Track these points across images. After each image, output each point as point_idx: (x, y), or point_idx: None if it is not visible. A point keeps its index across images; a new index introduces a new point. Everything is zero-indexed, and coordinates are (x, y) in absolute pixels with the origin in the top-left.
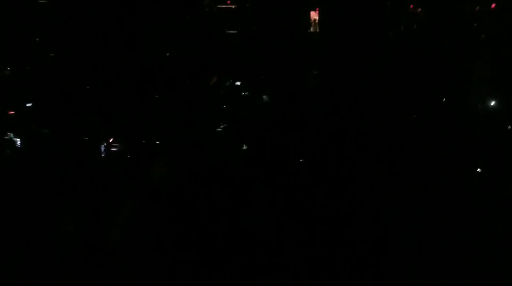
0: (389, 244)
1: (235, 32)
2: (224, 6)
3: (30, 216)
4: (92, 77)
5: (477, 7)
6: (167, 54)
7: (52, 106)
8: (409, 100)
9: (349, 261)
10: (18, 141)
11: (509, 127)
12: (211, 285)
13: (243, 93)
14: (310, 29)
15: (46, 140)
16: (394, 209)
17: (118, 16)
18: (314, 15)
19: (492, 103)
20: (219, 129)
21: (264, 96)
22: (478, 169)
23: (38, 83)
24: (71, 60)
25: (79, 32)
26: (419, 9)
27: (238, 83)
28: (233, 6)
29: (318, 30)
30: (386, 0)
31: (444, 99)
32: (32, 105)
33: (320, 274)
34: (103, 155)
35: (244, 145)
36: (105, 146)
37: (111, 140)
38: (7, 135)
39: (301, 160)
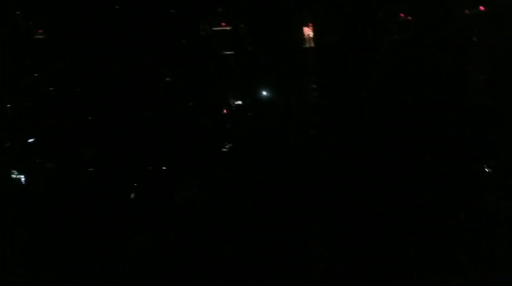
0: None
1: (232, 53)
2: (219, 28)
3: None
4: (93, 108)
5: (466, 11)
6: (167, 79)
7: (55, 140)
8: (408, 105)
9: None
10: (22, 177)
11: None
12: None
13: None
14: (305, 44)
15: (50, 174)
16: (400, 209)
17: (115, 45)
18: (307, 31)
19: (488, 102)
20: (224, 149)
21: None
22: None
23: (39, 118)
24: (71, 94)
25: (78, 65)
26: (409, 17)
27: (239, 102)
28: (228, 28)
29: (312, 45)
30: (377, 11)
31: (442, 101)
32: (34, 140)
33: None
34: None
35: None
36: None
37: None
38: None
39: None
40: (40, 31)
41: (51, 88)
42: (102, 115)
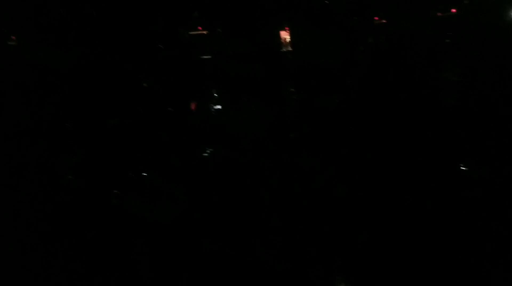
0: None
1: (210, 57)
2: (196, 32)
3: None
4: (70, 115)
5: (439, 13)
6: (144, 85)
7: (33, 148)
8: (384, 106)
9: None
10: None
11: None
12: None
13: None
14: (282, 48)
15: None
16: (380, 211)
17: (91, 51)
18: (284, 35)
19: (461, 103)
20: (205, 154)
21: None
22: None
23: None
24: (48, 101)
25: (53, 71)
26: (384, 21)
27: (219, 106)
28: (205, 32)
29: (290, 49)
30: (353, 15)
31: (416, 102)
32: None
33: None
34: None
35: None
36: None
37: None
38: None
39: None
40: (13, 37)
41: (28, 95)
42: (79, 122)
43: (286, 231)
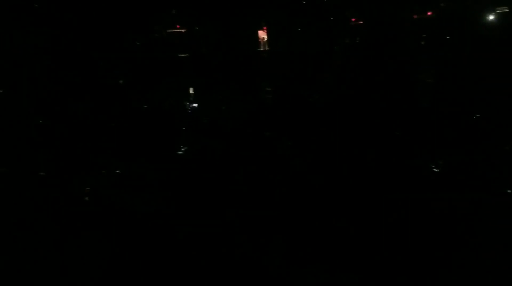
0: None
1: (187, 55)
2: (174, 30)
3: None
4: (43, 111)
5: (414, 16)
6: (120, 81)
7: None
8: (358, 107)
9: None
10: None
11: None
12: None
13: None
14: (259, 47)
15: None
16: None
17: (67, 47)
18: (262, 34)
19: (435, 104)
20: (180, 152)
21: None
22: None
23: None
24: (20, 97)
25: (31, 70)
26: (361, 22)
27: (195, 105)
28: (183, 30)
29: (267, 48)
30: (329, 16)
31: (391, 103)
32: None
33: None
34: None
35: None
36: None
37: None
38: None
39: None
40: None
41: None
42: (53, 118)
43: (264, 220)
